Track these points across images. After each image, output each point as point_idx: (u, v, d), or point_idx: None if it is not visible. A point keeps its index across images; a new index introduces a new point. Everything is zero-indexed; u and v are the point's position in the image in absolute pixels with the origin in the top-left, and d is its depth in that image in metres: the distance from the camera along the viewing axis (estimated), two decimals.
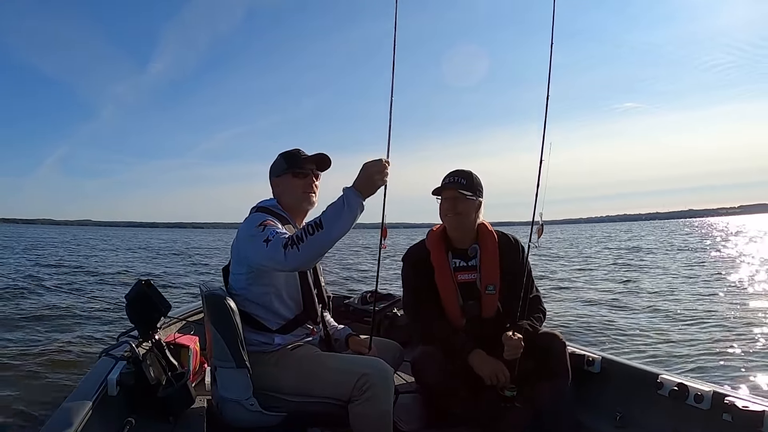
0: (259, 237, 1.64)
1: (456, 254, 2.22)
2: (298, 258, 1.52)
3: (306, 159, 1.90)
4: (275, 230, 1.65)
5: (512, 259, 2.21)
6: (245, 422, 1.72)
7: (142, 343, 1.92)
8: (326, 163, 1.95)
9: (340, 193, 1.56)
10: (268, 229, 1.66)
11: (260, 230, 1.66)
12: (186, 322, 2.74)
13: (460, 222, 2.17)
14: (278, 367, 1.76)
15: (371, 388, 1.63)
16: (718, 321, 6.52)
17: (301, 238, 1.52)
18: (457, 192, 2.12)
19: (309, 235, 1.51)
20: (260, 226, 1.68)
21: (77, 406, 1.52)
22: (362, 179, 1.57)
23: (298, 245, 1.51)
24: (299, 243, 1.51)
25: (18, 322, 5.93)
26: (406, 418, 2.05)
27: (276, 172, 1.93)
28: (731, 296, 8.57)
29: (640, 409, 2.03)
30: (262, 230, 1.66)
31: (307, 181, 1.90)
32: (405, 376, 2.45)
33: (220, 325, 1.71)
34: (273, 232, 1.63)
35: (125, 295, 1.95)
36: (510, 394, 1.93)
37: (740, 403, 1.65)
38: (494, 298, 2.16)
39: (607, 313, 7.34)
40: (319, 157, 1.92)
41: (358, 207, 1.55)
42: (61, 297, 7.31)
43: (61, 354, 4.67)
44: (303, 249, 1.51)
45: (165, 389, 1.80)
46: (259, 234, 1.64)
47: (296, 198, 1.90)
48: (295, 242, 1.52)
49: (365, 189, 1.57)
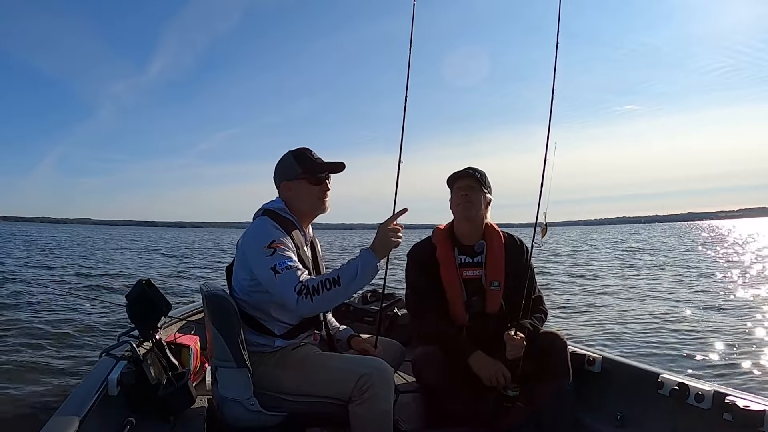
0: (266, 262, 1.62)
1: (462, 251, 2.22)
2: (310, 308, 1.59)
3: (322, 166, 1.86)
4: (285, 261, 1.62)
5: (517, 260, 2.22)
6: (246, 422, 1.72)
7: (142, 343, 1.92)
8: (340, 169, 1.90)
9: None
10: (277, 256, 1.63)
11: (269, 254, 1.64)
12: (187, 321, 2.74)
13: (472, 211, 2.16)
14: (279, 367, 1.76)
15: (371, 388, 1.63)
16: (719, 321, 6.52)
17: (317, 289, 1.56)
18: (472, 180, 2.14)
19: (326, 289, 1.56)
20: (269, 248, 1.65)
21: (77, 406, 1.52)
22: (379, 242, 1.65)
23: (312, 296, 1.55)
24: (314, 294, 1.55)
25: (18, 322, 5.93)
26: (407, 418, 2.05)
27: (288, 175, 1.86)
28: (731, 296, 8.57)
29: (640, 409, 2.03)
30: (270, 255, 1.63)
31: (323, 188, 1.86)
32: (405, 375, 2.45)
33: (221, 325, 1.71)
34: (283, 262, 1.61)
35: (126, 295, 1.95)
36: (512, 393, 1.93)
37: (741, 402, 1.65)
38: (498, 295, 2.16)
39: (608, 313, 7.34)
40: (335, 165, 1.88)
41: (375, 270, 1.63)
42: (61, 296, 7.32)
43: (61, 354, 4.67)
44: (317, 301, 1.56)
45: (165, 389, 1.80)
46: (267, 259, 1.63)
47: (311, 204, 1.86)
48: (310, 292, 1.56)
49: (381, 251, 1.65)
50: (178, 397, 1.80)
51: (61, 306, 6.87)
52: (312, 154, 1.87)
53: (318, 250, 2.02)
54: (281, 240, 1.69)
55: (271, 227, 1.74)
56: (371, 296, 3.67)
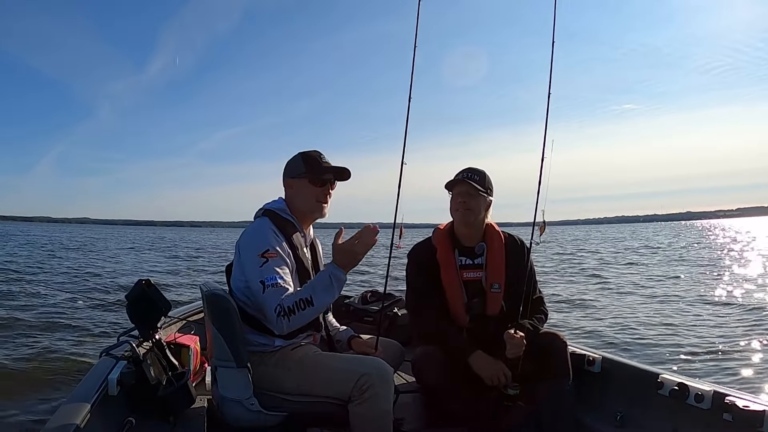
0: (257, 273, 1.66)
1: (462, 252, 2.22)
2: (287, 327, 1.65)
3: (327, 168, 1.87)
4: (274, 276, 1.66)
5: (518, 260, 2.21)
6: (246, 422, 1.72)
7: (142, 343, 1.92)
8: (345, 176, 1.91)
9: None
10: (268, 268, 1.67)
11: (261, 263, 1.67)
12: (186, 321, 2.73)
13: (471, 217, 2.16)
14: (279, 366, 1.76)
15: (371, 387, 1.63)
16: (718, 321, 6.52)
17: (293, 310, 1.63)
18: (470, 186, 2.12)
19: (300, 310, 1.63)
20: (263, 257, 1.68)
21: (77, 406, 1.52)
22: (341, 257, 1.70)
23: (289, 317, 1.62)
24: (290, 315, 1.63)
25: (18, 322, 5.93)
26: (407, 418, 2.05)
27: (292, 173, 1.88)
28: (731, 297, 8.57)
29: (640, 409, 2.03)
30: (262, 265, 1.67)
31: (323, 190, 1.86)
32: (405, 375, 2.45)
33: (221, 325, 1.71)
34: (272, 278, 1.66)
35: (126, 295, 1.95)
36: (513, 392, 1.93)
37: (741, 402, 1.65)
38: (499, 297, 2.16)
39: (608, 313, 7.34)
40: (340, 170, 1.89)
41: (343, 283, 1.71)
42: (61, 296, 7.31)
43: (61, 354, 4.67)
44: (293, 321, 1.64)
45: (165, 389, 1.80)
46: (258, 270, 1.67)
47: (309, 205, 1.87)
48: (286, 313, 1.62)
49: (349, 265, 1.71)
50: (178, 397, 1.80)
51: (61, 306, 6.87)
52: (320, 156, 1.89)
53: (319, 251, 2.03)
54: (276, 249, 1.72)
55: (269, 231, 1.76)
56: (371, 296, 3.66)
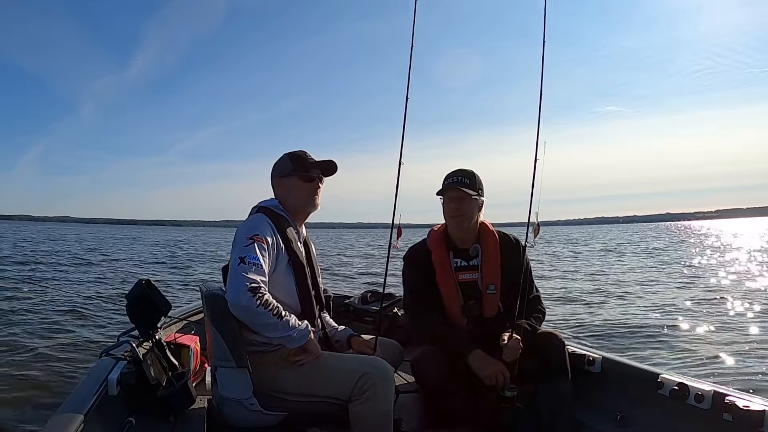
0: (240, 251, 1.67)
1: (457, 254, 2.22)
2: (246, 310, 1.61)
3: (314, 163, 1.93)
4: (257, 256, 1.67)
5: (513, 259, 2.21)
6: (245, 422, 1.72)
7: (142, 343, 1.93)
8: (332, 169, 1.98)
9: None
10: (253, 248, 1.68)
11: (247, 243, 1.69)
12: (186, 321, 2.74)
13: (465, 223, 2.16)
14: (278, 366, 1.76)
15: (371, 387, 1.63)
16: (718, 320, 6.52)
17: (268, 304, 1.63)
18: (462, 192, 2.12)
19: (273, 314, 1.64)
20: (250, 239, 1.70)
21: (77, 406, 1.52)
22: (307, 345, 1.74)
23: (259, 303, 1.60)
24: (264, 305, 1.61)
25: (17, 322, 5.93)
26: (407, 417, 2.05)
27: (281, 172, 1.94)
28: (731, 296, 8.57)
29: (640, 409, 2.03)
30: (247, 245, 1.68)
31: (312, 186, 1.92)
32: (405, 375, 2.45)
33: (221, 325, 1.71)
34: (254, 256, 1.66)
35: (126, 295, 1.95)
36: (510, 394, 1.93)
37: (741, 402, 1.65)
38: (495, 298, 2.16)
39: (606, 312, 7.34)
40: (326, 164, 1.96)
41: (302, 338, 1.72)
42: (60, 296, 7.30)
43: (61, 354, 4.67)
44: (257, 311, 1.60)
45: (165, 389, 1.80)
46: (242, 249, 1.67)
47: (301, 201, 1.92)
48: (261, 301, 1.61)
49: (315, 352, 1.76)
50: (178, 397, 1.80)
51: (61, 305, 6.86)
52: (306, 154, 1.95)
53: (312, 250, 2.05)
54: (266, 238, 1.74)
55: (265, 223, 1.79)
56: (371, 296, 3.66)
